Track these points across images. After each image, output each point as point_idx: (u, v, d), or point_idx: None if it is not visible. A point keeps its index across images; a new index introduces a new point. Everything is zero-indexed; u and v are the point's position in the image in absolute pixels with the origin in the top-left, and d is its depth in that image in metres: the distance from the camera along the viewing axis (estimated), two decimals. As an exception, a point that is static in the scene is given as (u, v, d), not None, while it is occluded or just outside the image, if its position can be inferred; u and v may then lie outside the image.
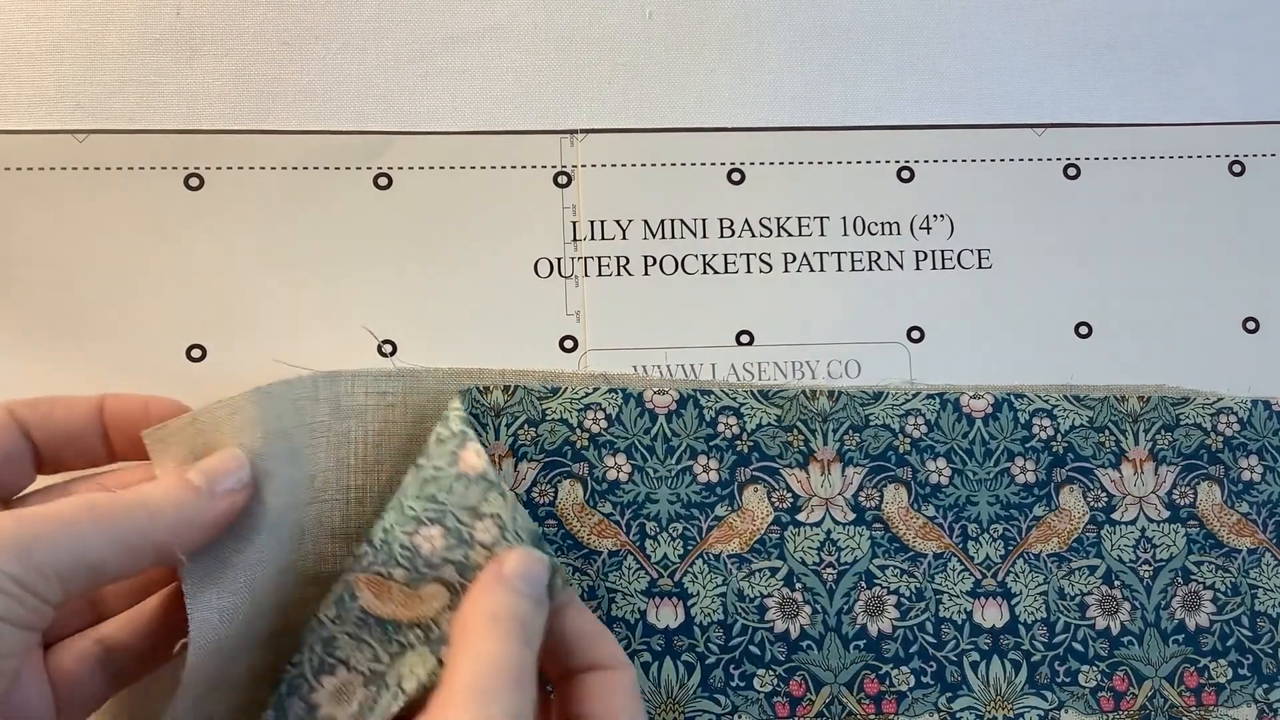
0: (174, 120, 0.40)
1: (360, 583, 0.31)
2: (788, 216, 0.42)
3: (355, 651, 0.32)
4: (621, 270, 0.41)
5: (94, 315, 0.38)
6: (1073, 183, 0.43)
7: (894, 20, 0.43)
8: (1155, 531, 0.40)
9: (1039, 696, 0.38)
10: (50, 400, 0.32)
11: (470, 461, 0.32)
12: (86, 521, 0.27)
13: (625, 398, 0.38)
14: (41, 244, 0.38)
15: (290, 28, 0.41)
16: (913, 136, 0.43)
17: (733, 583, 0.37)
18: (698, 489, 0.38)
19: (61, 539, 0.26)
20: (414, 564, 0.31)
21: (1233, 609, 0.39)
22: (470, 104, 0.41)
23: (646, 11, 0.43)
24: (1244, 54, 0.44)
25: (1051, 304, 0.42)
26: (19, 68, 0.39)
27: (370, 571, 0.31)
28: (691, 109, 0.42)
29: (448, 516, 0.31)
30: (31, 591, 0.25)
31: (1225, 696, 0.39)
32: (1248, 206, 0.43)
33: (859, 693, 0.37)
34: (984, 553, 0.39)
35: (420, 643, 0.31)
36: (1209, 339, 0.42)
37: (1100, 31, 0.44)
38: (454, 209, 0.40)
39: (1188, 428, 0.40)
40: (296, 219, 0.40)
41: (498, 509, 0.31)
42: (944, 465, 0.39)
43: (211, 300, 0.39)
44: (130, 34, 0.40)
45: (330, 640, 0.32)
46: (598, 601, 0.37)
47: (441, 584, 0.31)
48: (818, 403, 0.39)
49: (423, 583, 0.31)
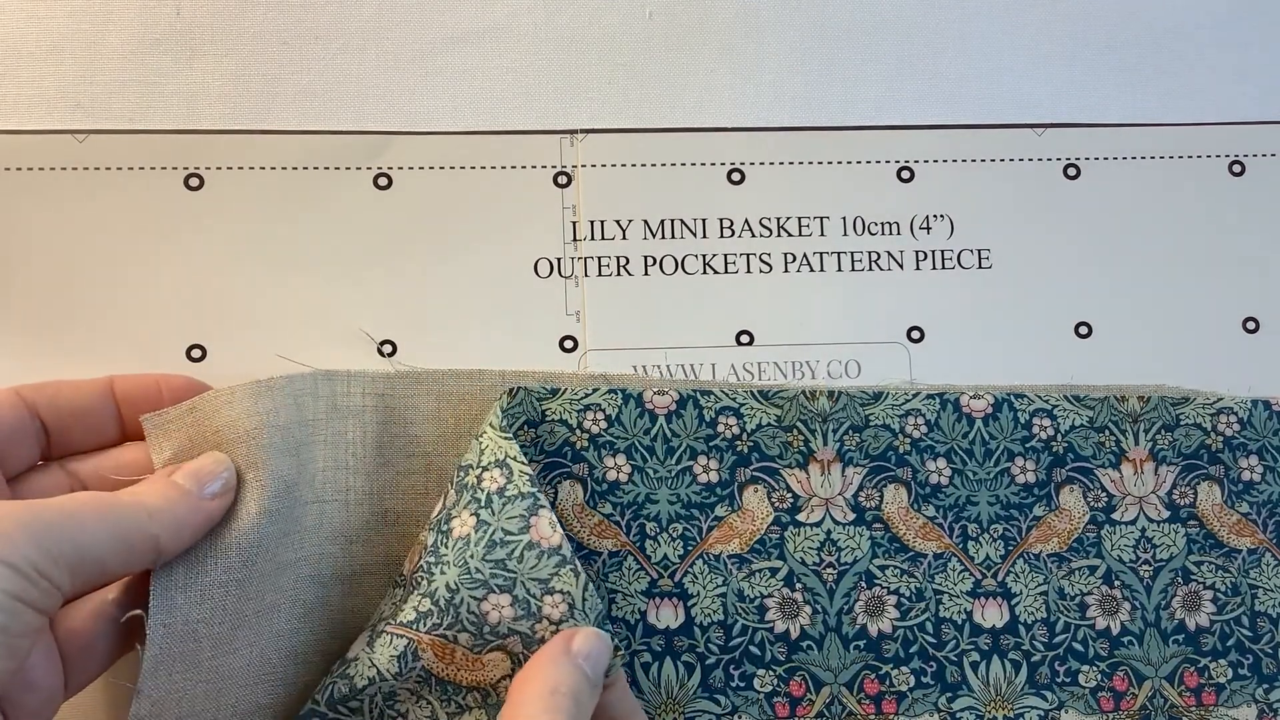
0: (174, 120, 0.40)
1: (425, 644, 0.32)
2: (788, 216, 0.42)
3: (415, 707, 0.32)
4: (621, 270, 0.41)
5: (94, 315, 0.38)
6: (1073, 183, 0.43)
7: (894, 20, 0.43)
8: (1155, 531, 0.40)
9: (1039, 696, 0.38)
10: (57, 382, 0.33)
11: (543, 532, 0.32)
12: (93, 517, 0.27)
13: (625, 398, 0.38)
14: (41, 244, 0.38)
15: (290, 28, 0.41)
16: (913, 136, 0.43)
17: (733, 583, 0.37)
18: (698, 489, 0.38)
19: (71, 532, 0.27)
20: (480, 630, 0.32)
21: (1233, 609, 0.39)
22: (470, 104, 0.41)
23: (646, 11, 0.43)
24: (1244, 54, 0.44)
25: (1051, 304, 0.42)
26: (19, 68, 0.39)
27: (435, 634, 0.32)
28: (691, 109, 0.42)
29: (518, 586, 0.32)
30: (47, 577, 0.26)
31: (1225, 696, 0.39)
32: (1248, 206, 0.43)
33: (859, 693, 0.37)
34: (984, 553, 0.39)
35: (478, 705, 0.32)
36: (1209, 339, 0.42)
37: (1100, 31, 0.44)
38: (454, 209, 0.40)
39: (1188, 428, 0.40)
40: (296, 219, 0.40)
41: (569, 586, 0.32)
42: (944, 465, 0.39)
43: (211, 300, 0.39)
44: (130, 34, 0.40)
45: (391, 694, 0.32)
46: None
47: (504, 652, 0.32)
48: (818, 403, 0.39)
49: (486, 649, 0.32)
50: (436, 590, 0.32)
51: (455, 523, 0.33)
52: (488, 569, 0.32)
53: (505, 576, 0.32)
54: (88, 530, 0.27)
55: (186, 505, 0.30)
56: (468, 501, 0.33)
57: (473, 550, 0.32)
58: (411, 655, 0.32)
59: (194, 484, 0.30)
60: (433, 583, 0.32)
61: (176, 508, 0.30)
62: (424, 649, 0.32)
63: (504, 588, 0.32)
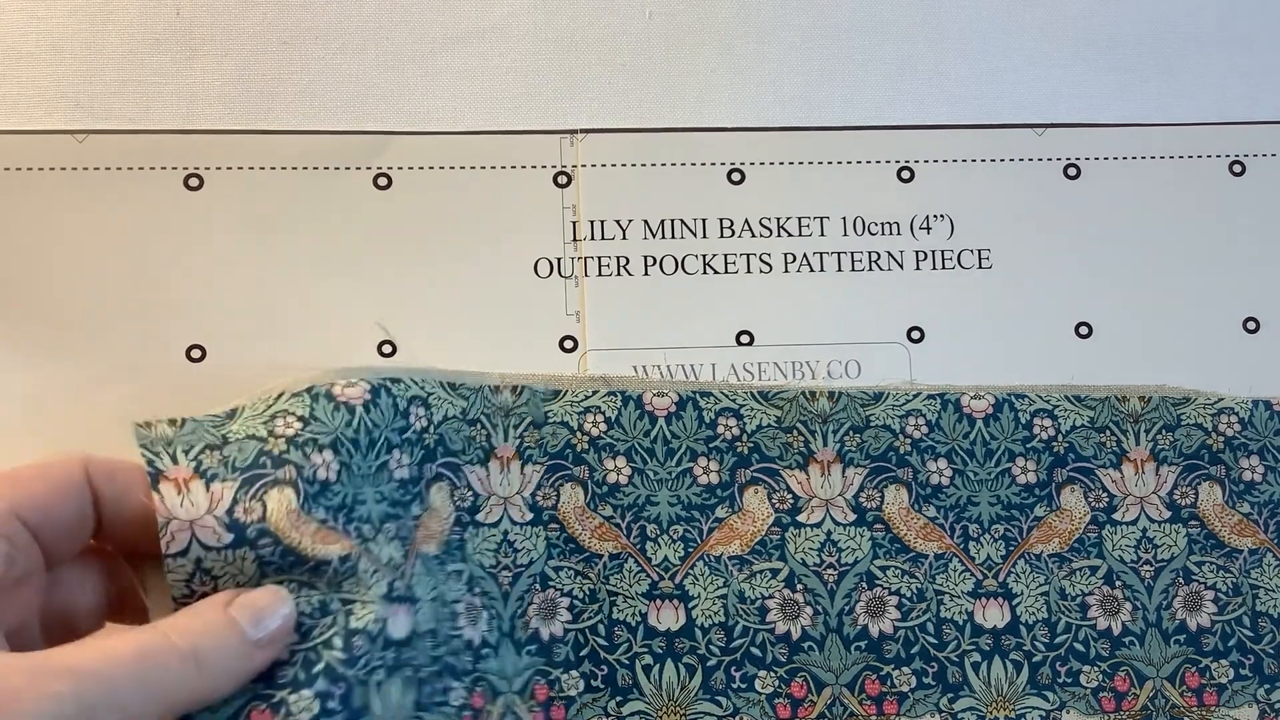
0: (174, 120, 0.40)
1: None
2: (788, 216, 0.42)
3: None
4: (621, 270, 0.41)
5: (94, 315, 0.38)
6: (1073, 183, 0.43)
7: (894, 20, 0.43)
8: (1156, 532, 0.40)
9: (1040, 697, 0.38)
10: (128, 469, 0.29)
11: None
12: (132, 679, 0.25)
13: (625, 400, 0.38)
14: (41, 244, 0.38)
15: (290, 28, 0.41)
16: (913, 136, 0.43)
17: (734, 584, 0.37)
18: (698, 491, 0.38)
19: (105, 689, 0.24)
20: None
21: (1234, 609, 0.39)
22: (470, 104, 0.41)
23: (646, 11, 0.43)
24: (1244, 54, 0.44)
25: (1051, 304, 0.42)
26: (19, 68, 0.39)
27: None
28: (691, 109, 0.42)
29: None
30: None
31: (1227, 697, 0.39)
32: (1248, 206, 0.43)
33: (860, 694, 0.37)
34: (985, 553, 0.39)
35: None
36: (1209, 339, 0.42)
37: (1100, 31, 0.44)
38: (454, 209, 0.40)
39: (1189, 428, 0.40)
40: (296, 219, 0.40)
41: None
42: (945, 466, 0.39)
43: (211, 300, 0.39)
44: (130, 34, 0.40)
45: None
46: (599, 605, 0.36)
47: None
48: (817, 404, 0.39)
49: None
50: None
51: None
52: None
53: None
54: (131, 708, 0.24)
55: (241, 651, 0.27)
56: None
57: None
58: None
59: (253, 625, 0.27)
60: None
61: (229, 656, 0.27)
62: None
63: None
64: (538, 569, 0.36)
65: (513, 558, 0.36)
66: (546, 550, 0.36)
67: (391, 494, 0.33)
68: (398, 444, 0.34)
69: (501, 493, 0.36)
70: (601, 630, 0.36)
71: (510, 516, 0.36)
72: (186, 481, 0.30)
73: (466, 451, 0.36)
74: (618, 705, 0.36)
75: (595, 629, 0.36)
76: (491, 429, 0.36)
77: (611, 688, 0.36)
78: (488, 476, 0.36)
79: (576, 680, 0.36)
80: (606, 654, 0.36)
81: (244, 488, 0.30)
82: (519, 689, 0.35)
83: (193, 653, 0.26)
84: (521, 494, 0.36)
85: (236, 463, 0.30)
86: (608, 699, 0.36)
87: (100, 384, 0.37)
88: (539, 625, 0.36)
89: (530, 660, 0.36)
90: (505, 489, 0.36)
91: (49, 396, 0.37)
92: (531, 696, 0.35)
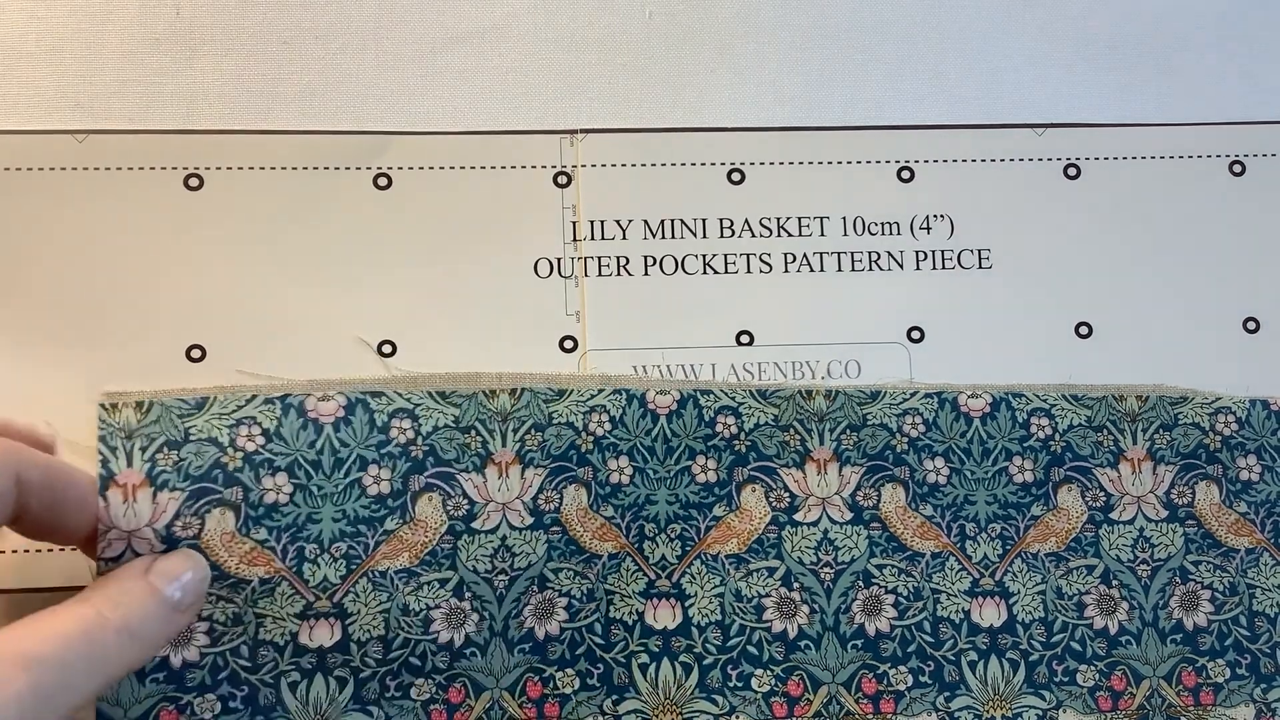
0: (174, 120, 0.40)
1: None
2: (788, 216, 0.42)
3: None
4: (621, 270, 0.41)
5: (94, 315, 0.38)
6: (1073, 183, 0.43)
7: (894, 20, 0.43)
8: (1153, 531, 0.40)
9: (1037, 696, 0.38)
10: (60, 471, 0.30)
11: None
12: (82, 659, 0.26)
13: (629, 399, 0.38)
14: (41, 244, 0.39)
15: (290, 28, 0.41)
16: (913, 136, 0.43)
17: (730, 583, 0.37)
18: (696, 489, 0.38)
19: (67, 691, 0.25)
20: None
21: (1231, 609, 0.39)
22: (470, 104, 0.41)
23: (646, 11, 0.42)
24: (1244, 54, 0.44)
25: (1051, 304, 0.42)
26: (19, 68, 0.39)
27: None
28: (691, 109, 0.42)
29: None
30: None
31: (1223, 696, 0.39)
32: (1248, 206, 0.43)
33: (857, 692, 0.37)
34: (982, 552, 0.39)
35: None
36: (1209, 339, 0.42)
37: (1100, 31, 0.44)
38: (454, 209, 0.40)
39: (1186, 427, 0.40)
40: (296, 219, 0.40)
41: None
42: (942, 464, 0.39)
43: (211, 300, 0.39)
44: (130, 34, 0.40)
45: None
46: (596, 604, 0.37)
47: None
48: (814, 402, 0.39)
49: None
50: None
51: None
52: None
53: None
54: (80, 687, 0.26)
55: (166, 618, 0.29)
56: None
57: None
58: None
59: (172, 589, 0.29)
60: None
61: (155, 621, 0.28)
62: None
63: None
64: (536, 571, 0.36)
65: (509, 562, 0.36)
66: (547, 553, 0.36)
67: (360, 511, 0.35)
68: (375, 459, 0.35)
69: (500, 499, 0.36)
70: (598, 629, 0.37)
71: (509, 522, 0.36)
72: (135, 489, 0.31)
73: (461, 460, 0.36)
74: (614, 704, 0.36)
75: (592, 627, 0.37)
76: (488, 435, 0.36)
77: (607, 686, 0.36)
78: (485, 483, 0.36)
79: (572, 678, 0.36)
80: (603, 652, 0.36)
81: (190, 501, 0.32)
82: (508, 685, 0.35)
83: (125, 625, 0.27)
84: (521, 499, 0.36)
85: (190, 469, 0.33)
86: (603, 697, 0.36)
87: (100, 384, 0.37)
88: (534, 624, 0.36)
89: (523, 658, 0.36)
90: (504, 494, 0.36)
91: (49, 396, 0.37)
92: (523, 693, 0.36)
